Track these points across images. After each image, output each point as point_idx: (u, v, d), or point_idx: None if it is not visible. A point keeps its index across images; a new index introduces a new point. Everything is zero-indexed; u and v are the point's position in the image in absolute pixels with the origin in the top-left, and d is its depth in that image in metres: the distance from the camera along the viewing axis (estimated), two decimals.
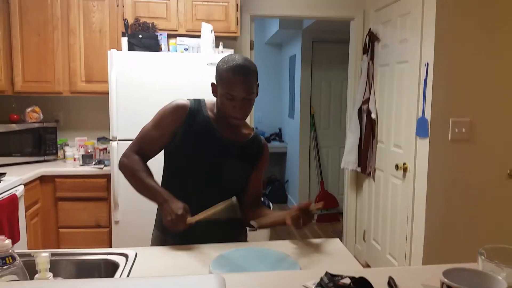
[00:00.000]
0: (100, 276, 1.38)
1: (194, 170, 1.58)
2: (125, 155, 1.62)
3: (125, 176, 1.60)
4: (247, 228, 1.77)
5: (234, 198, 1.46)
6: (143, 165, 1.59)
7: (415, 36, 2.76)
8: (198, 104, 1.62)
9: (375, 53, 3.44)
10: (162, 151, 1.64)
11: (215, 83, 1.56)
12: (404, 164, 2.89)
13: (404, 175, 2.92)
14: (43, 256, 1.09)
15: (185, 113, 1.57)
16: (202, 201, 1.52)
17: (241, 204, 1.64)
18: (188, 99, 1.63)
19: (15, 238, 2.48)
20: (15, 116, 3.31)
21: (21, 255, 1.15)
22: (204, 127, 1.57)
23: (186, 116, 1.57)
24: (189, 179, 1.59)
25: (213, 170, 1.58)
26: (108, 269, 1.37)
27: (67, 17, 3.22)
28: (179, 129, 1.56)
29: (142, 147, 1.61)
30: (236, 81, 1.47)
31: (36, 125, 3.29)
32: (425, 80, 2.63)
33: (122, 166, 1.61)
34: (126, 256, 1.39)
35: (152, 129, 1.60)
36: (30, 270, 1.11)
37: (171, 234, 1.55)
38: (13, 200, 2.49)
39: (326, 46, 5.22)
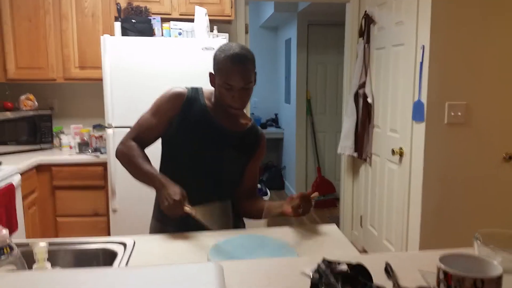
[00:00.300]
0: (98, 265, 1.38)
1: (190, 159, 1.57)
2: (122, 143, 1.61)
3: (122, 163, 1.59)
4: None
5: (229, 202, 1.46)
6: (140, 151, 1.57)
7: (411, 19, 2.73)
8: (195, 92, 1.60)
9: (371, 36, 3.42)
10: (160, 140, 1.63)
11: (213, 73, 1.54)
12: (400, 148, 2.90)
13: (400, 160, 2.93)
14: (40, 246, 1.09)
15: (181, 101, 1.56)
16: (198, 190, 1.52)
17: (236, 195, 1.66)
18: (186, 87, 1.62)
19: (13, 228, 2.49)
20: (9, 104, 3.29)
21: (19, 245, 1.14)
22: (201, 115, 1.57)
23: (183, 104, 1.56)
24: (185, 168, 1.58)
25: (209, 160, 1.58)
26: (107, 258, 1.37)
27: (58, 1, 3.17)
28: (175, 117, 1.56)
29: (140, 134, 1.60)
30: (234, 70, 1.46)
31: (31, 113, 3.27)
32: (421, 63, 2.62)
33: (119, 153, 1.60)
34: (124, 244, 1.39)
35: (149, 116, 1.59)
36: (28, 260, 1.11)
37: (170, 224, 1.56)
38: (10, 190, 2.48)
39: (322, 29, 5.18)
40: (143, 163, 1.53)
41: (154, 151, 1.66)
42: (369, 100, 3.38)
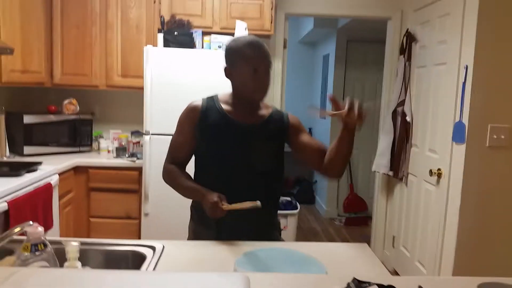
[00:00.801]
0: (127, 267, 1.40)
1: (219, 164, 1.59)
2: (163, 169, 1.69)
3: (171, 186, 1.67)
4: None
5: (258, 203, 1.46)
6: (179, 171, 1.65)
7: (455, 38, 2.66)
8: (210, 100, 1.64)
9: (412, 54, 3.35)
10: None
11: (228, 66, 1.58)
12: (439, 169, 2.80)
13: (438, 181, 2.84)
14: (73, 245, 1.12)
15: (198, 113, 1.61)
16: (234, 191, 1.54)
17: (316, 166, 1.65)
18: (202, 98, 1.66)
19: (48, 226, 2.57)
20: (53, 108, 3.43)
21: (52, 243, 1.18)
22: (219, 119, 1.59)
23: (200, 115, 1.60)
24: (216, 173, 1.60)
25: (238, 159, 1.59)
26: (136, 260, 1.39)
27: (105, 12, 3.29)
28: (196, 129, 1.60)
29: (174, 156, 1.68)
30: (257, 53, 1.52)
31: (73, 117, 3.39)
32: (464, 84, 2.54)
33: (164, 179, 1.69)
34: (153, 248, 1.41)
35: (176, 136, 1.67)
36: (60, 258, 1.14)
37: (205, 225, 1.62)
38: (48, 189, 2.57)
39: (361, 45, 5.13)
40: (185, 181, 1.62)
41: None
42: (408, 118, 3.30)
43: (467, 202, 2.55)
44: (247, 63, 1.52)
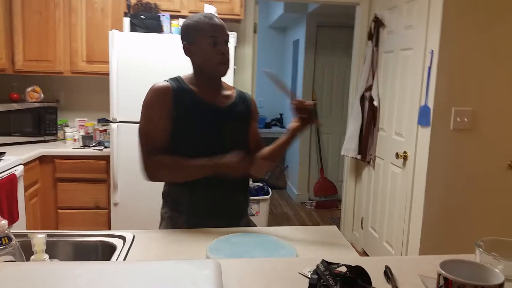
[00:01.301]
0: (97, 258, 1.38)
1: (195, 146, 1.57)
2: (147, 164, 1.53)
3: (165, 178, 1.59)
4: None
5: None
6: (173, 157, 1.52)
7: (421, 23, 2.71)
8: (177, 82, 1.59)
9: (380, 39, 3.40)
10: None
11: (187, 43, 1.56)
12: (405, 152, 2.88)
13: (404, 164, 2.92)
14: (39, 238, 1.09)
15: (170, 95, 1.53)
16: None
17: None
18: (165, 80, 1.60)
19: (13, 218, 2.50)
20: (16, 95, 3.30)
21: (17, 236, 1.14)
22: (192, 101, 1.55)
23: (173, 97, 1.53)
24: (194, 154, 1.54)
25: (213, 141, 1.57)
26: (106, 251, 1.37)
27: None
28: (172, 112, 1.52)
29: (153, 145, 1.53)
30: (214, 25, 1.52)
31: (37, 104, 3.28)
32: (429, 68, 2.60)
33: (154, 174, 1.54)
34: (123, 238, 1.39)
35: (149, 123, 1.54)
36: (26, 251, 1.11)
37: (179, 210, 1.59)
38: (12, 180, 2.49)
39: (331, 31, 5.16)
40: (192, 161, 1.50)
41: None
42: (375, 103, 3.36)
43: (432, 184, 2.64)
44: (206, 36, 1.51)
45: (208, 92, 1.59)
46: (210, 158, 1.50)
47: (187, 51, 1.58)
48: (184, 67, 2.87)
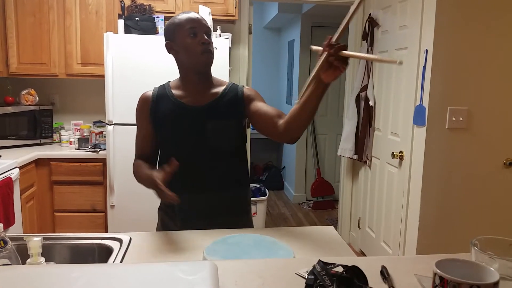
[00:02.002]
0: (94, 261, 1.38)
1: (178, 150, 1.57)
2: (133, 166, 1.63)
3: (138, 181, 1.59)
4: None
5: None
6: (142, 163, 1.59)
7: (415, 22, 2.72)
8: (161, 88, 1.63)
9: (375, 39, 3.41)
10: None
11: (169, 40, 1.58)
12: (401, 152, 2.89)
13: (400, 164, 2.93)
14: (35, 241, 1.09)
15: (149, 102, 1.60)
16: (198, 175, 1.56)
17: (273, 130, 1.52)
18: (154, 87, 1.65)
19: (10, 222, 2.48)
20: (10, 99, 3.29)
21: (13, 239, 1.14)
22: (171, 105, 1.57)
23: (151, 104, 1.60)
24: (178, 158, 1.52)
25: (197, 142, 1.56)
26: (102, 254, 1.37)
27: None
28: (151, 119, 1.59)
29: (140, 151, 1.65)
30: (192, 17, 1.53)
31: (32, 107, 3.27)
32: (424, 68, 2.61)
33: (135, 176, 1.60)
34: (120, 241, 1.39)
35: (138, 131, 1.65)
36: (22, 255, 1.11)
37: (170, 214, 1.61)
38: (7, 183, 2.48)
39: (326, 31, 5.15)
40: (143, 170, 1.54)
41: None
42: (371, 103, 3.37)
43: (428, 183, 2.65)
44: (185, 29, 1.51)
45: (191, 94, 1.58)
46: (150, 173, 1.43)
47: (170, 48, 1.59)
48: (177, 70, 2.88)
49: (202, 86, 1.60)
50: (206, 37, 1.53)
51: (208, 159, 1.58)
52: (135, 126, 1.66)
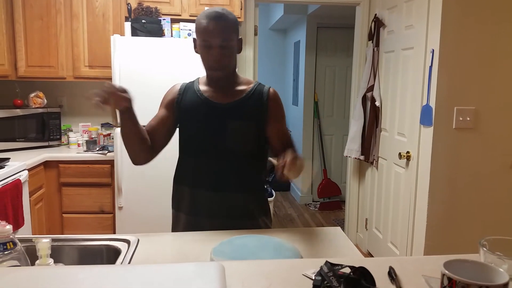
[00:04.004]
0: (102, 262, 1.39)
1: (197, 144, 1.59)
2: None
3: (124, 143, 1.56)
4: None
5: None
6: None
7: (421, 23, 2.71)
8: (191, 82, 1.66)
9: (381, 40, 3.40)
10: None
11: (195, 39, 1.55)
12: (408, 152, 2.88)
13: (407, 164, 2.91)
14: (43, 242, 1.10)
15: (177, 92, 1.62)
16: (212, 170, 1.56)
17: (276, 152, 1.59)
18: (184, 82, 1.68)
19: (19, 223, 2.51)
20: (19, 101, 3.32)
21: (22, 241, 1.15)
22: (195, 98, 1.59)
23: (178, 94, 1.61)
24: (195, 154, 1.60)
25: (215, 140, 1.56)
26: (110, 255, 1.37)
27: (70, 1, 3.19)
28: (175, 108, 1.60)
29: (148, 126, 1.60)
30: (210, 26, 1.45)
31: (40, 110, 3.30)
32: (430, 68, 2.60)
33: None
34: (128, 242, 1.39)
35: (157, 112, 1.66)
36: (31, 256, 1.12)
37: (185, 210, 1.61)
38: (17, 185, 2.50)
39: (331, 31, 5.17)
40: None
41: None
42: (377, 103, 3.36)
43: (436, 183, 2.63)
44: (201, 37, 1.49)
45: (216, 90, 1.59)
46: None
47: (194, 47, 1.58)
48: (185, 71, 2.89)
49: (225, 83, 1.60)
50: (219, 51, 1.47)
51: (225, 157, 1.57)
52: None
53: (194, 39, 1.57)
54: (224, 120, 1.55)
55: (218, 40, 1.46)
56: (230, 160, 1.57)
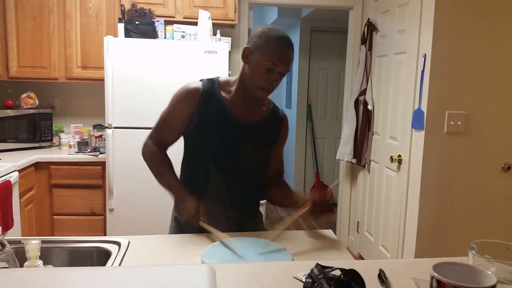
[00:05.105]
0: (92, 264, 1.38)
1: (211, 157, 1.54)
2: (145, 145, 1.60)
3: (147, 165, 1.60)
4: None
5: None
6: (162, 156, 1.58)
7: (414, 27, 2.74)
8: (211, 85, 1.53)
9: (373, 44, 3.42)
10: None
11: (251, 48, 1.45)
12: (399, 156, 2.90)
13: (398, 167, 2.93)
14: (32, 244, 1.09)
15: (197, 98, 1.50)
16: (220, 186, 1.55)
17: (263, 181, 1.64)
18: (201, 80, 1.55)
19: (8, 225, 2.48)
20: (10, 102, 3.29)
21: (11, 242, 1.14)
22: (218, 110, 1.51)
23: (199, 101, 1.50)
24: (206, 164, 1.56)
25: (230, 157, 1.54)
26: (101, 257, 1.37)
27: (63, 1, 3.18)
28: (194, 115, 1.51)
29: (160, 135, 1.58)
30: (283, 52, 1.41)
31: (32, 111, 3.27)
32: (422, 72, 2.62)
33: (144, 156, 1.60)
34: (118, 244, 1.39)
35: (168, 116, 1.56)
36: (20, 258, 1.11)
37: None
38: (6, 187, 2.48)
39: (325, 35, 5.19)
40: (166, 171, 1.56)
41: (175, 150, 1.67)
42: (370, 107, 3.38)
43: (427, 187, 2.65)
44: (268, 59, 1.40)
45: (240, 103, 1.52)
46: (180, 187, 1.53)
47: (246, 56, 1.47)
48: (178, 73, 2.89)
49: (258, 104, 1.57)
50: (277, 78, 1.44)
51: (233, 173, 1.56)
52: (135, 130, 1.65)
53: (247, 48, 1.46)
54: (245, 139, 1.54)
55: (285, 69, 1.43)
56: (242, 177, 1.58)
